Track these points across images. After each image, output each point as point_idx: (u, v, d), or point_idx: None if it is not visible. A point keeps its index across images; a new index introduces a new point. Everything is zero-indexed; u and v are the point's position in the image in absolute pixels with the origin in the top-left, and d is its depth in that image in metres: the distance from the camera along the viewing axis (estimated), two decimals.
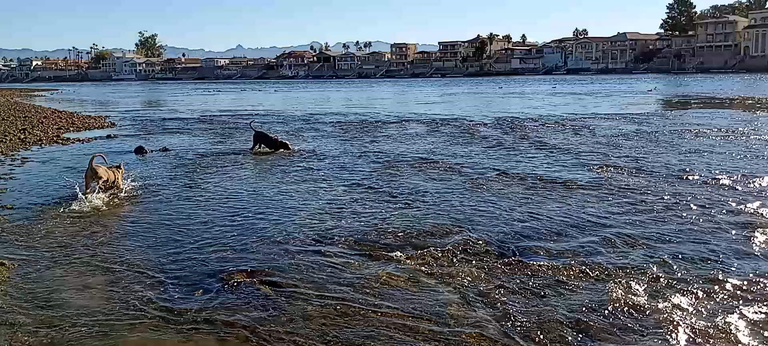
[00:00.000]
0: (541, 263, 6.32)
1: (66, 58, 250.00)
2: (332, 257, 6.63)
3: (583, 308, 5.16)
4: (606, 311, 5.10)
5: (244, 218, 8.48)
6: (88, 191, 9.68)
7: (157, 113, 34.46)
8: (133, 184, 10.60)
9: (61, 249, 7.08)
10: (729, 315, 4.98)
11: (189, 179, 11.73)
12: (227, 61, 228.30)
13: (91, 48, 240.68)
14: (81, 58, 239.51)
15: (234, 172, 12.55)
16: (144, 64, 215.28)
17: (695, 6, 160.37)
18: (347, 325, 4.94)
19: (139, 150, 15.84)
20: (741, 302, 5.24)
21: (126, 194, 10.12)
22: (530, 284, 5.75)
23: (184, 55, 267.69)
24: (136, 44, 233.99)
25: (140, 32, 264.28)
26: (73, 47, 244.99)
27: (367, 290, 5.63)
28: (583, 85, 73.17)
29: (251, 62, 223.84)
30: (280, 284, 5.83)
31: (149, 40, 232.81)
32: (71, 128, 22.35)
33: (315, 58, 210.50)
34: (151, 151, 15.86)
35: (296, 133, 20.66)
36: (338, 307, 5.28)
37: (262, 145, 15.66)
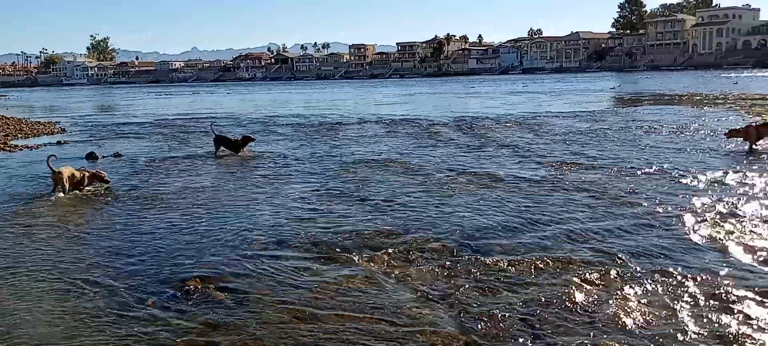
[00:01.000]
0: (497, 259, 6.38)
1: (14, 62, 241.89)
2: (289, 261, 6.57)
3: (537, 303, 5.23)
4: (559, 306, 5.18)
5: (200, 224, 8.34)
6: (57, 191, 10.12)
7: (109, 118, 33.65)
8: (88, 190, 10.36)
9: (7, 260, 6.83)
10: (677, 307, 5.11)
11: (142, 184, 11.48)
12: (182, 64, 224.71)
13: (41, 52, 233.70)
14: (30, 62, 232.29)
15: (189, 177, 12.33)
16: (96, 69, 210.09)
17: (645, 5, 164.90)
18: (303, 329, 4.90)
19: (90, 156, 15.42)
20: (688, 294, 5.38)
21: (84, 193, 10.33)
22: (486, 280, 5.81)
23: (137, 58, 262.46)
24: (88, 48, 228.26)
25: (92, 36, 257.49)
26: (22, 52, 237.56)
27: (325, 293, 5.60)
28: (541, 84, 74.38)
29: (207, 64, 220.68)
30: (235, 290, 5.75)
31: (101, 43, 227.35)
32: (19, 135, 21.62)
33: (272, 59, 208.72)
34: (103, 156, 15.47)
35: (254, 135, 20.40)
36: (295, 311, 5.23)
37: (223, 149, 15.48)
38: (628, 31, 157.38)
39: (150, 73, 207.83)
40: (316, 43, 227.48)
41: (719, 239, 6.91)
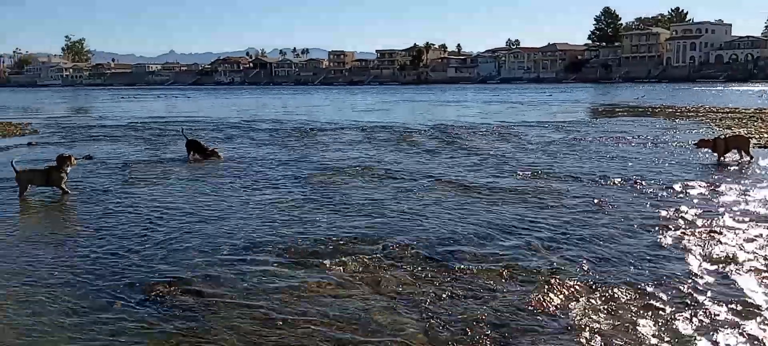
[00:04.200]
0: (467, 267, 6.42)
1: None
2: (260, 266, 6.55)
3: (506, 312, 5.27)
4: (528, 314, 5.23)
5: (170, 227, 8.26)
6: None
7: (83, 120, 33.24)
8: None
9: None
10: (642, 315, 5.19)
11: (113, 187, 11.35)
12: (159, 67, 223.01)
13: (14, 52, 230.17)
14: (3, 62, 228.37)
15: (161, 180, 12.22)
16: (71, 70, 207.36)
17: (621, 18, 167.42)
18: (272, 335, 4.88)
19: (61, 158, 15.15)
20: (653, 302, 5.46)
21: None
22: (456, 288, 5.84)
23: (113, 60, 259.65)
24: (63, 49, 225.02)
25: (67, 36, 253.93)
26: None
27: (294, 299, 5.58)
28: (518, 93, 75.04)
29: (185, 68, 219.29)
30: (204, 294, 5.71)
31: (76, 44, 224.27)
32: None
33: (251, 64, 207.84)
34: (75, 159, 15.19)
35: (229, 140, 20.31)
36: (263, 317, 5.20)
37: (195, 153, 15.32)
38: (604, 44, 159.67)
39: (126, 75, 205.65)
40: (295, 48, 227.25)
41: (685, 247, 7.03)
